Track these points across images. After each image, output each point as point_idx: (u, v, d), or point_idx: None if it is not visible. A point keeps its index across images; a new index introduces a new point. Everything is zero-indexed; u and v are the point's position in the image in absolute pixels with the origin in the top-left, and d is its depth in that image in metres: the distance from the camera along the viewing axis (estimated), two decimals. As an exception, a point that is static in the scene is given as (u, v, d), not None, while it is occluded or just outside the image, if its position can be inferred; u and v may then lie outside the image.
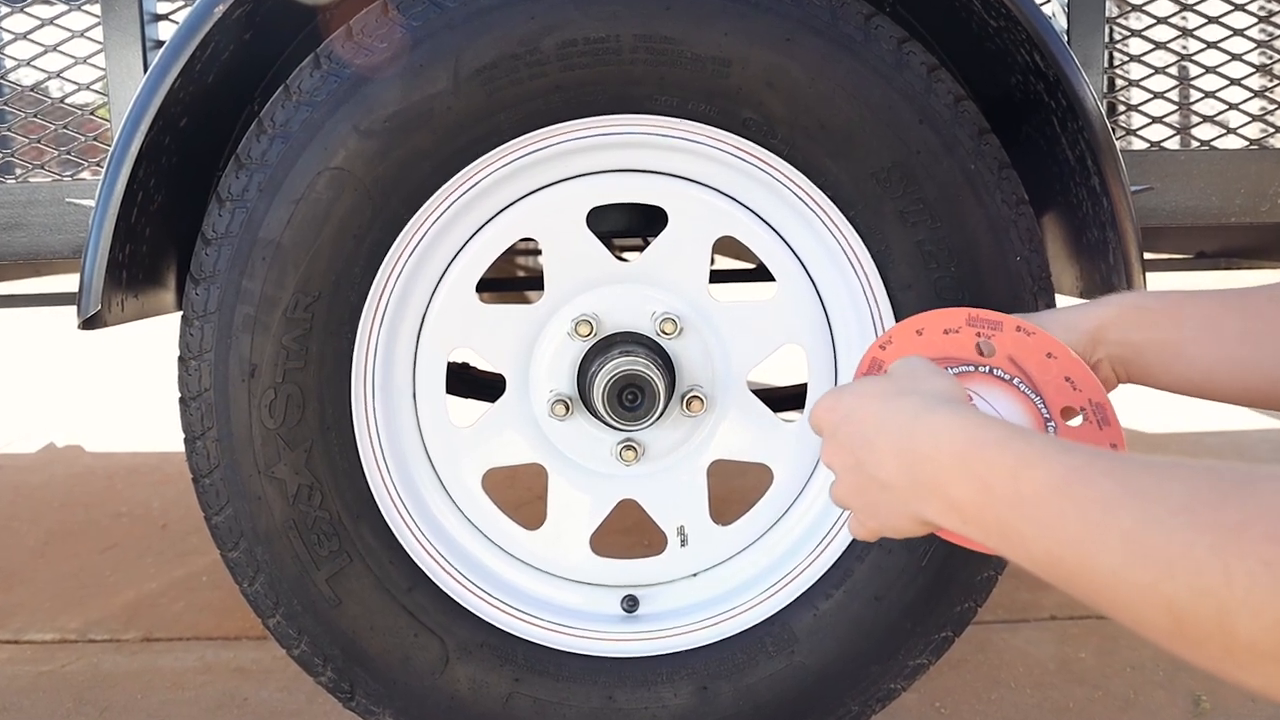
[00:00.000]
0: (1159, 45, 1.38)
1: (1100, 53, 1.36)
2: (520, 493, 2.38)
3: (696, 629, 1.26)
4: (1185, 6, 1.37)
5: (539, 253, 2.14)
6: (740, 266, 2.41)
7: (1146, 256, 1.23)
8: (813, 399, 1.26)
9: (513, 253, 2.75)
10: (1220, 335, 0.86)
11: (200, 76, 1.17)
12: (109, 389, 4.36)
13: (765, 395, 1.33)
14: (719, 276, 2.29)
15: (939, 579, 1.22)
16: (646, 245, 1.37)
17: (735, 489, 1.76)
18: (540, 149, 1.16)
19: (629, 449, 1.24)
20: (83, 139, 1.35)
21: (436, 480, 1.25)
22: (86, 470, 3.07)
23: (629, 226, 1.65)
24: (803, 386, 1.30)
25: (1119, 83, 1.39)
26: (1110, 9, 1.37)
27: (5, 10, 1.34)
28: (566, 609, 1.27)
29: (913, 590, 1.22)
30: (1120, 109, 1.39)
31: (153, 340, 3.75)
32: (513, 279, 2.84)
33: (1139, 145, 1.39)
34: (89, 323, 1.15)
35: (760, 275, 2.17)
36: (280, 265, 1.12)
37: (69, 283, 2.03)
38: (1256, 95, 1.39)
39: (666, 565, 1.29)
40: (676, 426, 1.25)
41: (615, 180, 1.21)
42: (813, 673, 1.24)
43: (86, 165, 1.35)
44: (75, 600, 2.09)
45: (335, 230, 1.12)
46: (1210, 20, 1.37)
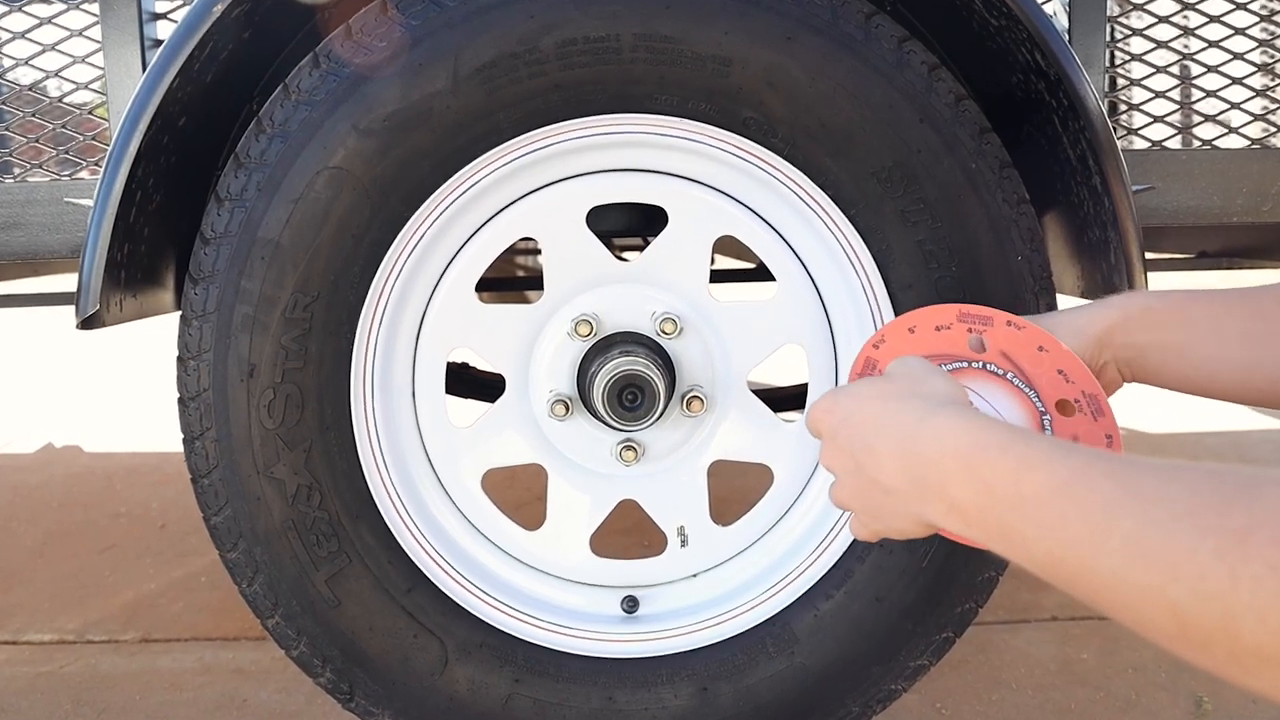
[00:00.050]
0: (1160, 44, 1.37)
1: (1102, 51, 1.36)
2: (520, 493, 2.37)
3: (697, 630, 1.26)
4: (1187, 5, 1.37)
5: (539, 252, 2.14)
6: (741, 266, 2.41)
7: (1148, 256, 1.23)
8: (813, 399, 1.26)
9: (512, 252, 2.75)
10: (1224, 337, 0.86)
11: (199, 76, 1.16)
12: (107, 389, 4.36)
13: (766, 395, 1.33)
14: (719, 276, 2.29)
15: (940, 580, 1.22)
16: (646, 245, 1.37)
17: (736, 489, 1.76)
18: (540, 148, 1.16)
19: (629, 449, 1.23)
20: (81, 138, 1.35)
21: (436, 480, 1.25)
22: (85, 470, 3.06)
23: (629, 226, 1.65)
24: (803, 387, 1.30)
25: (1120, 82, 1.39)
26: (1112, 8, 1.36)
27: (4, 9, 1.34)
28: (566, 610, 1.27)
29: (914, 591, 1.22)
30: (1122, 108, 1.39)
31: (151, 340, 3.74)
32: (512, 279, 2.84)
33: (1140, 144, 1.39)
34: (87, 322, 1.15)
35: (761, 275, 2.16)
36: (279, 265, 1.12)
37: (67, 282, 2.02)
38: (1258, 94, 1.39)
39: (667, 566, 1.29)
40: (676, 427, 1.25)
41: (615, 180, 1.20)
42: (813, 674, 1.24)
43: (85, 164, 1.35)
44: (73, 601, 2.09)
45: (334, 230, 1.12)
46: (1212, 19, 1.37)
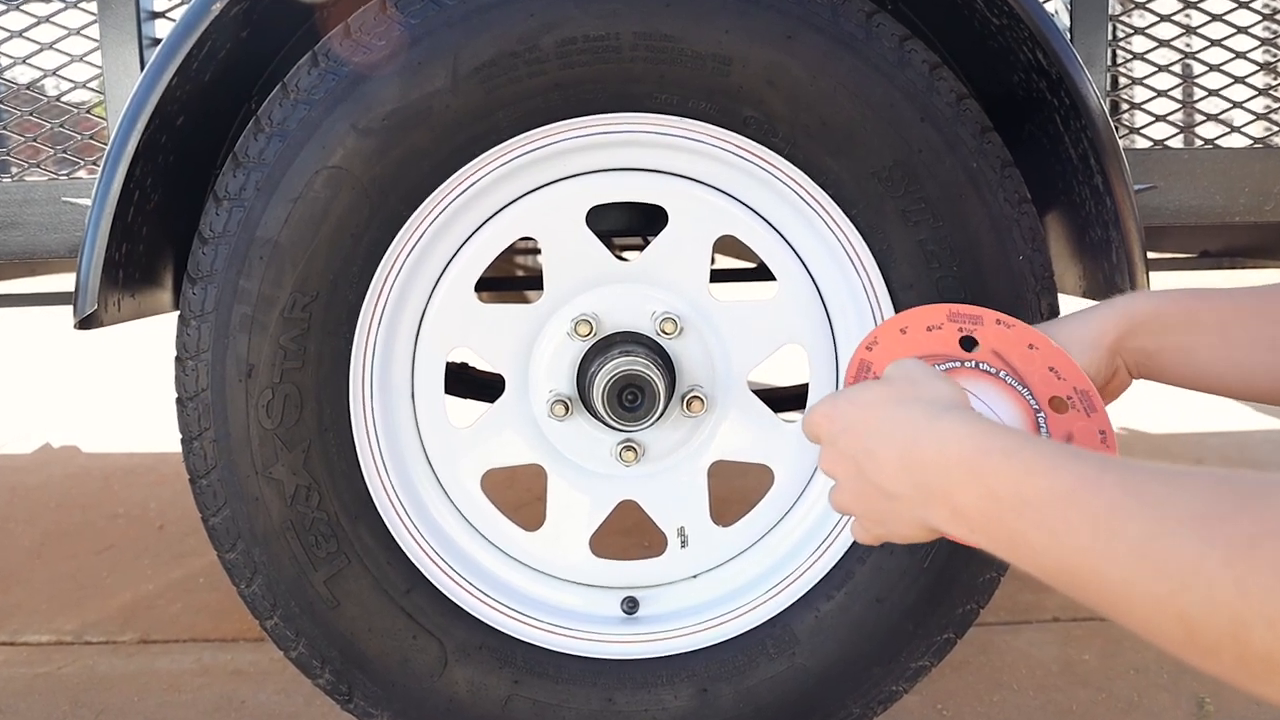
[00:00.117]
0: (1162, 43, 1.37)
1: (1103, 50, 1.35)
2: (519, 494, 2.37)
3: (697, 631, 1.25)
4: (1189, 4, 1.37)
5: (538, 252, 2.13)
6: (741, 266, 2.40)
7: (1150, 256, 1.22)
8: (814, 400, 1.26)
9: (512, 252, 2.75)
10: (1232, 340, 0.86)
11: (197, 74, 1.16)
12: (105, 389, 4.35)
13: (766, 395, 1.32)
14: (719, 276, 2.28)
15: (941, 581, 1.22)
16: (646, 244, 1.36)
17: (736, 489, 1.75)
18: (539, 147, 1.15)
19: (629, 449, 1.23)
20: (79, 137, 1.35)
21: (435, 481, 1.25)
22: (83, 471, 3.06)
23: (629, 226, 1.65)
24: (804, 387, 1.29)
25: (1122, 80, 1.38)
26: (1113, 6, 1.36)
27: (2, 7, 1.33)
28: (566, 611, 1.27)
29: (914, 592, 1.22)
30: (1123, 107, 1.39)
31: (149, 340, 3.74)
32: (512, 278, 2.84)
33: (1142, 144, 1.39)
34: (85, 322, 1.15)
35: (761, 275, 2.16)
36: (278, 264, 1.11)
37: (65, 282, 2.02)
38: (1261, 93, 1.38)
39: (667, 567, 1.28)
40: (677, 427, 1.25)
41: (615, 179, 1.20)
42: (814, 675, 1.23)
43: (83, 164, 1.35)
44: (71, 602, 2.08)
45: (333, 229, 1.12)
46: (1214, 18, 1.37)
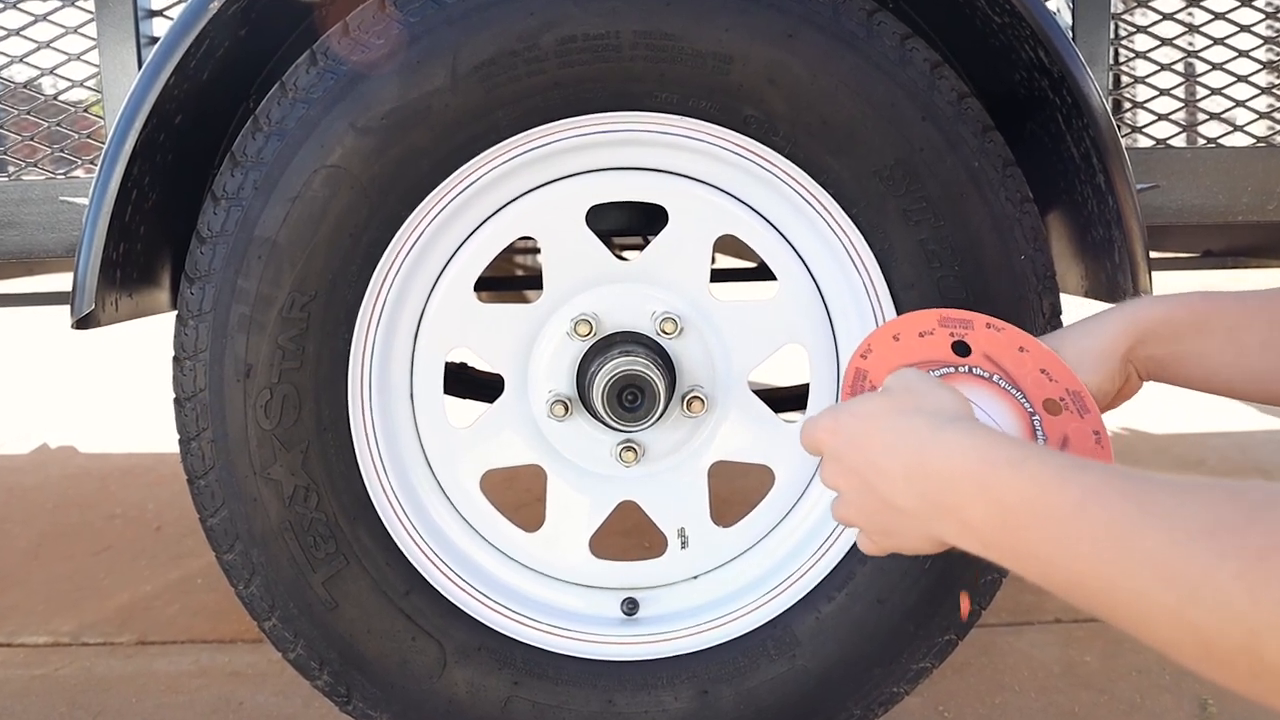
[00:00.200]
0: (1165, 41, 1.36)
1: (1105, 49, 1.35)
2: (519, 494, 2.36)
3: (697, 632, 1.25)
4: (1192, 2, 1.36)
5: (538, 251, 2.13)
6: (741, 265, 2.40)
7: (1152, 255, 1.22)
8: (814, 399, 1.25)
9: (511, 251, 2.74)
10: (1242, 345, 0.86)
11: (195, 73, 1.16)
12: (103, 389, 4.34)
13: (767, 396, 1.32)
14: (720, 275, 2.28)
15: (942, 582, 1.21)
16: (646, 244, 1.36)
17: (737, 490, 1.75)
18: (539, 146, 1.15)
19: (629, 450, 1.23)
20: (76, 136, 1.34)
21: (434, 482, 1.24)
22: (80, 471, 3.05)
23: (629, 225, 1.64)
24: (804, 387, 1.29)
25: (1124, 79, 1.38)
26: (1116, 4, 1.35)
27: (-2, 6, 1.33)
28: (566, 612, 1.26)
29: (915, 593, 1.21)
30: (1126, 106, 1.38)
31: (147, 340, 3.73)
32: (511, 278, 2.83)
33: (1145, 143, 1.38)
34: (83, 322, 1.14)
35: (762, 274, 2.16)
36: (276, 264, 1.11)
37: (63, 282, 2.01)
38: (1264, 92, 1.38)
39: (667, 567, 1.28)
40: (677, 427, 1.24)
41: (615, 178, 1.20)
42: (815, 676, 1.23)
43: (80, 163, 1.34)
44: (69, 603, 2.08)
45: (332, 229, 1.11)
46: (1217, 16, 1.36)
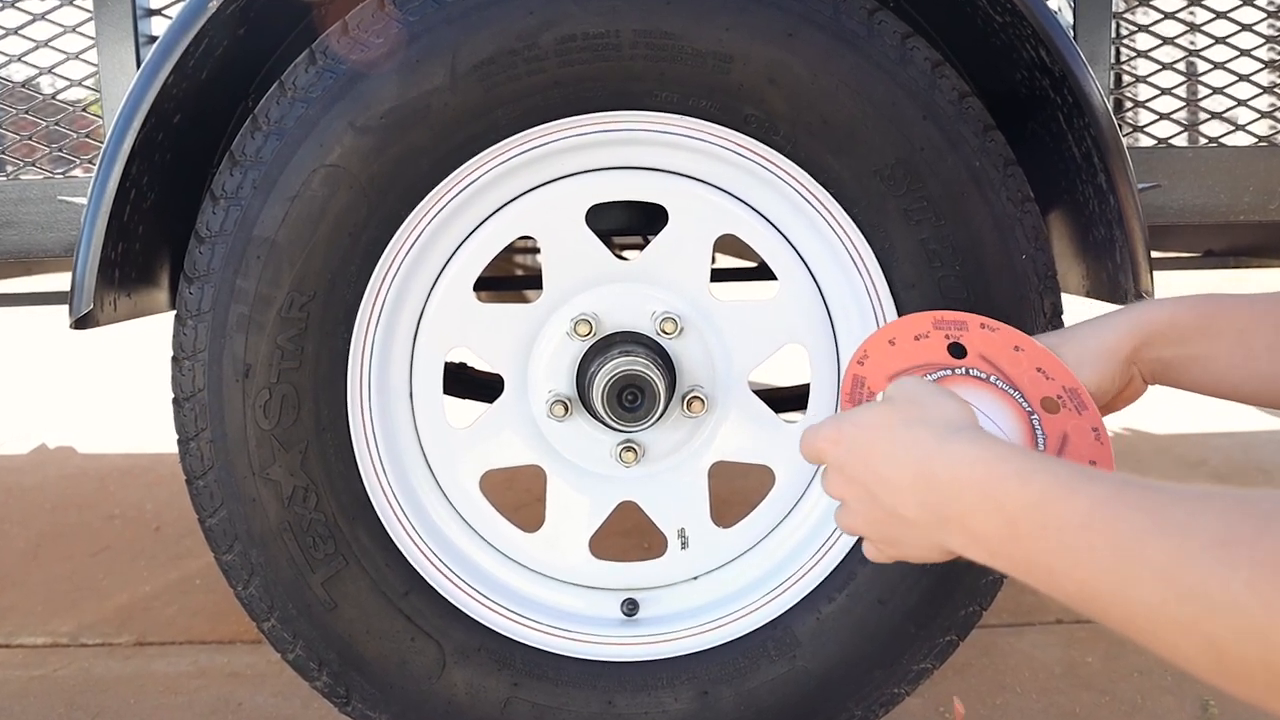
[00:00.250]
0: (1167, 40, 1.36)
1: (1107, 48, 1.35)
2: (519, 495, 2.36)
3: (697, 633, 1.25)
4: (1193, 1, 1.36)
5: (537, 251, 2.12)
6: (742, 265, 2.39)
7: (1154, 255, 1.21)
8: (815, 399, 1.25)
9: (511, 251, 2.74)
10: (1251, 349, 0.85)
11: (194, 72, 1.15)
12: (101, 389, 4.34)
13: (767, 396, 1.32)
14: (720, 275, 2.28)
15: (943, 582, 1.21)
16: (647, 244, 1.35)
17: (737, 490, 1.75)
18: (539, 146, 1.14)
19: (629, 450, 1.22)
20: (75, 136, 1.34)
21: (433, 482, 1.24)
22: (78, 471, 3.04)
23: (629, 224, 1.64)
24: (805, 387, 1.28)
25: (1126, 79, 1.37)
26: (1117, 3, 1.35)
27: (-4, 5, 1.32)
28: (565, 612, 1.26)
29: (916, 594, 1.21)
30: (1127, 105, 1.38)
31: (146, 340, 3.73)
32: (511, 278, 2.82)
33: (1146, 142, 1.38)
34: (81, 322, 1.14)
35: (762, 274, 2.15)
36: (275, 264, 1.10)
37: (61, 281, 2.01)
38: (1266, 91, 1.38)
39: (667, 568, 1.28)
40: (677, 427, 1.24)
41: (615, 178, 1.19)
42: (815, 677, 1.22)
43: (78, 162, 1.34)
44: (67, 604, 2.07)
45: (331, 228, 1.11)
46: (1219, 15, 1.36)
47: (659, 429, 1.22)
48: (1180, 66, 1.37)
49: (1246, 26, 1.36)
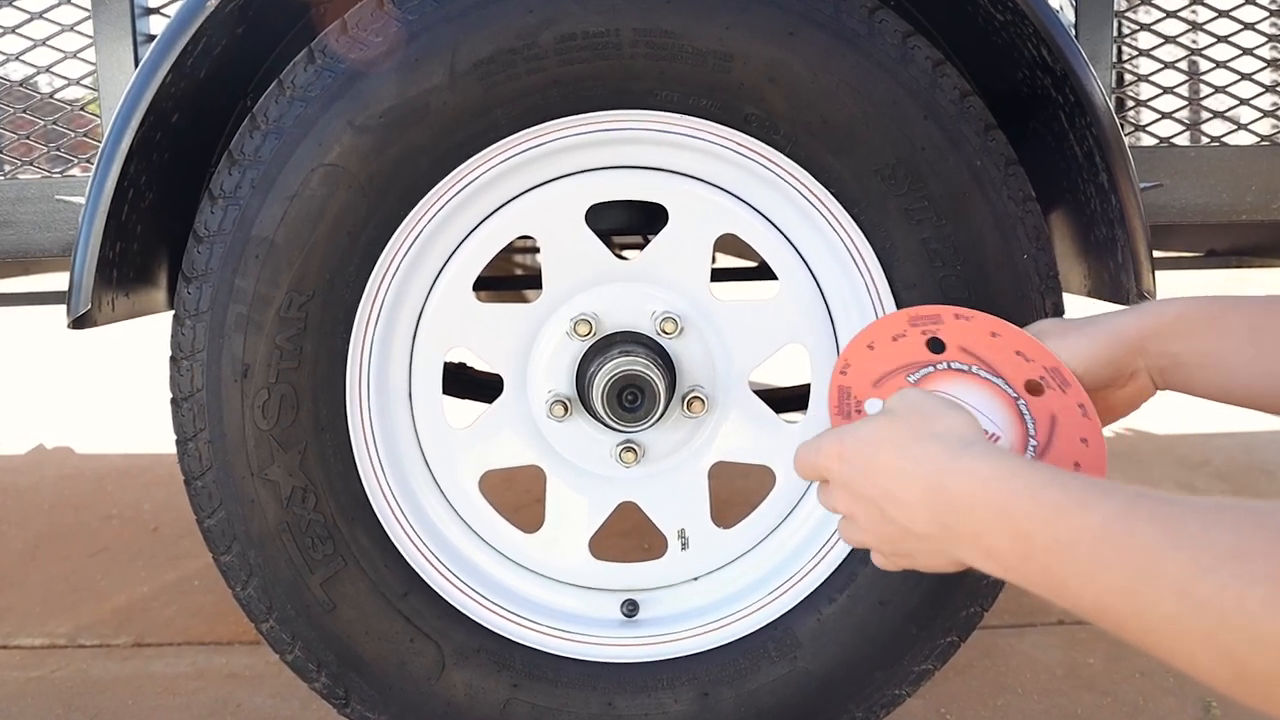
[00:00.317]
0: (1169, 39, 1.36)
1: (1109, 47, 1.34)
2: (518, 495, 2.36)
3: (698, 634, 1.24)
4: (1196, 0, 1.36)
5: (537, 251, 2.12)
6: (742, 265, 2.39)
7: (1156, 254, 1.21)
8: (815, 399, 1.24)
9: (510, 251, 2.73)
10: (1262, 348, 0.84)
11: (192, 71, 1.15)
12: (99, 389, 4.33)
13: (767, 396, 1.31)
14: (720, 275, 2.27)
15: (944, 583, 1.21)
16: (647, 243, 1.35)
17: (737, 491, 1.74)
18: (538, 145, 1.14)
19: (629, 450, 1.22)
20: (72, 135, 1.33)
21: (433, 482, 1.23)
22: (76, 472, 3.04)
23: (629, 224, 1.63)
24: (805, 387, 1.28)
25: (1128, 78, 1.37)
26: (1119, 2, 1.35)
27: (-7, 4, 1.32)
28: (565, 613, 1.25)
29: (918, 595, 1.21)
30: (1129, 104, 1.38)
31: (144, 340, 3.72)
32: (510, 277, 2.82)
33: (1148, 141, 1.38)
34: (79, 322, 1.13)
35: (762, 274, 2.15)
36: (274, 263, 1.10)
37: (59, 281, 2.01)
38: (1268, 90, 1.37)
39: (667, 569, 1.27)
40: (677, 428, 1.23)
41: (615, 177, 1.19)
42: (816, 678, 1.22)
43: (76, 162, 1.33)
44: (65, 605, 2.07)
45: (330, 228, 1.10)
46: (1221, 14, 1.36)
47: (659, 429, 1.22)
48: (1182, 65, 1.37)
49: (1249, 25, 1.36)
